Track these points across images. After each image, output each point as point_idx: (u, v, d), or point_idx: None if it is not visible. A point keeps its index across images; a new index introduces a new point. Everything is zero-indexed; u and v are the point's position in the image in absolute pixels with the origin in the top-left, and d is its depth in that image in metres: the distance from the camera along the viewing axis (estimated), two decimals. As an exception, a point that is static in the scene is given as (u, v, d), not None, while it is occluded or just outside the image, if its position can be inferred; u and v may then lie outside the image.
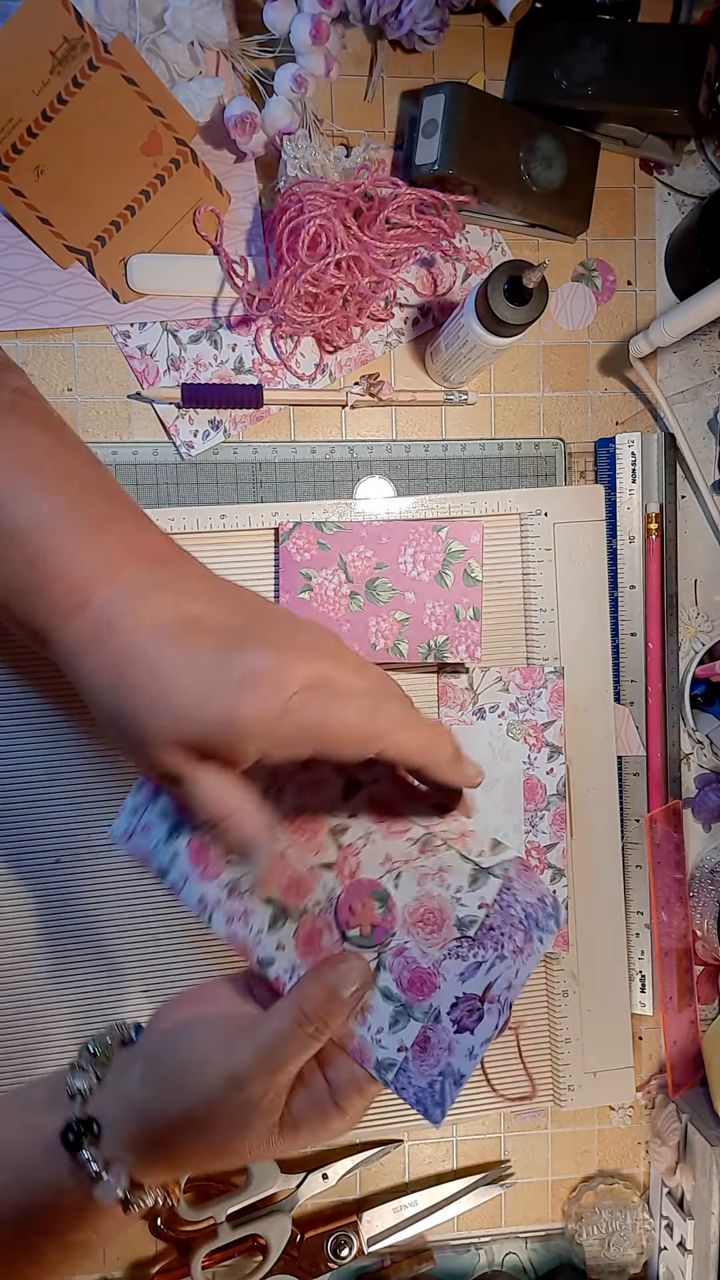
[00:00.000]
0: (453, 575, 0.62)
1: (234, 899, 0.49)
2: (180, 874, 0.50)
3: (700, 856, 0.69)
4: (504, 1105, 0.65)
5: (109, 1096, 0.46)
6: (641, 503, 0.66)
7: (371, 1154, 0.64)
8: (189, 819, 0.49)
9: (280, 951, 0.48)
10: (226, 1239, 0.60)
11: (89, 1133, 0.45)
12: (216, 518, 0.61)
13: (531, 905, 0.47)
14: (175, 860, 0.50)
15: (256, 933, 0.49)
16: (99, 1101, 0.46)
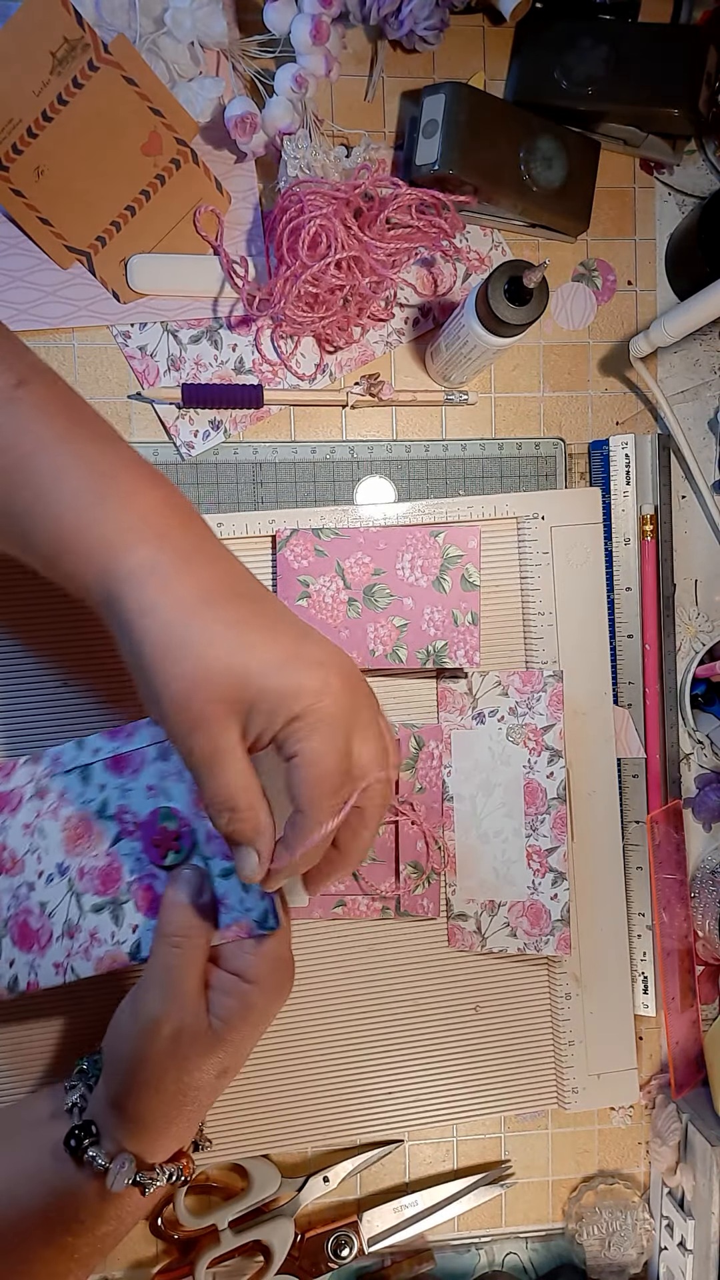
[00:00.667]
0: (450, 580, 0.62)
1: (75, 937, 0.51)
2: (26, 969, 0.52)
3: (701, 857, 0.69)
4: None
5: (95, 1102, 0.50)
6: (636, 504, 0.66)
7: (372, 1155, 0.64)
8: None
9: (138, 931, 0.51)
10: (229, 1245, 0.60)
11: (88, 1135, 0.48)
12: (214, 526, 0.61)
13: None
14: (13, 966, 0.52)
15: (111, 939, 0.51)
16: (90, 1107, 0.50)
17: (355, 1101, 0.64)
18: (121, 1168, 0.47)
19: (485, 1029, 0.65)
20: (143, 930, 0.51)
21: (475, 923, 0.63)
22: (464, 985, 0.65)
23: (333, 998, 0.64)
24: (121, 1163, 0.47)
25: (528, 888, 0.61)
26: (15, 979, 0.52)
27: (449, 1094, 0.65)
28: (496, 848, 0.62)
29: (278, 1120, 0.63)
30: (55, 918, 0.52)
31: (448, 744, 0.64)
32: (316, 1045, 0.63)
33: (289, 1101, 0.63)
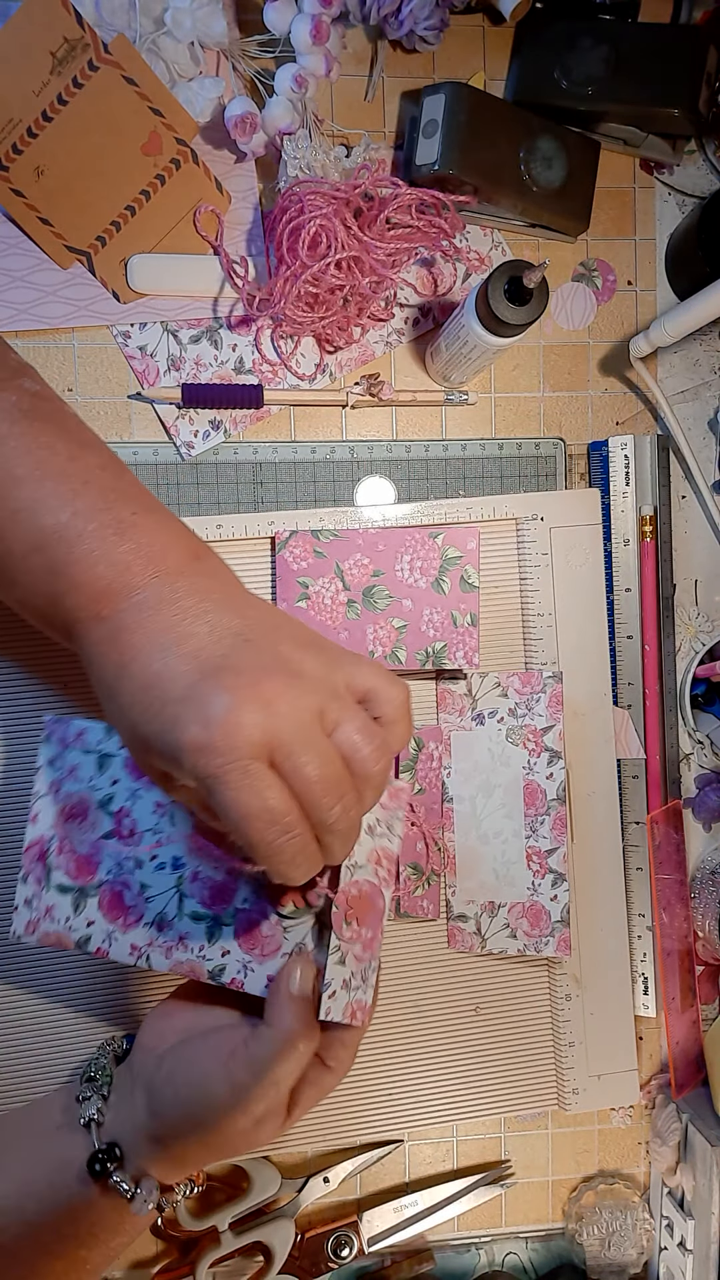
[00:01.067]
0: (449, 581, 0.62)
1: (166, 932, 0.51)
2: (103, 935, 0.52)
3: (701, 857, 0.69)
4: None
5: (121, 1122, 0.49)
6: (636, 505, 0.66)
7: (372, 1155, 0.64)
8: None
9: (227, 957, 0.50)
10: (230, 1246, 0.60)
11: (113, 1158, 0.47)
12: (213, 528, 0.61)
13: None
14: (93, 926, 0.52)
15: (199, 950, 0.50)
16: (113, 1126, 0.49)
17: (356, 1102, 0.64)
18: (149, 1194, 0.47)
19: (485, 1030, 0.65)
20: (232, 958, 0.50)
21: (475, 924, 0.63)
22: (464, 986, 0.65)
23: (333, 998, 0.64)
24: (148, 1190, 0.47)
25: (528, 889, 0.61)
26: (89, 939, 0.52)
27: (449, 1095, 0.65)
28: (496, 849, 0.62)
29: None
30: (151, 905, 0.51)
31: (447, 745, 0.64)
32: (316, 1046, 0.63)
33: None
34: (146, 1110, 0.48)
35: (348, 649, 0.48)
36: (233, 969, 0.50)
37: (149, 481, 0.63)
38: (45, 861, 0.53)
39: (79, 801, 0.53)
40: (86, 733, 0.54)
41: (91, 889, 0.52)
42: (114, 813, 0.52)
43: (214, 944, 0.50)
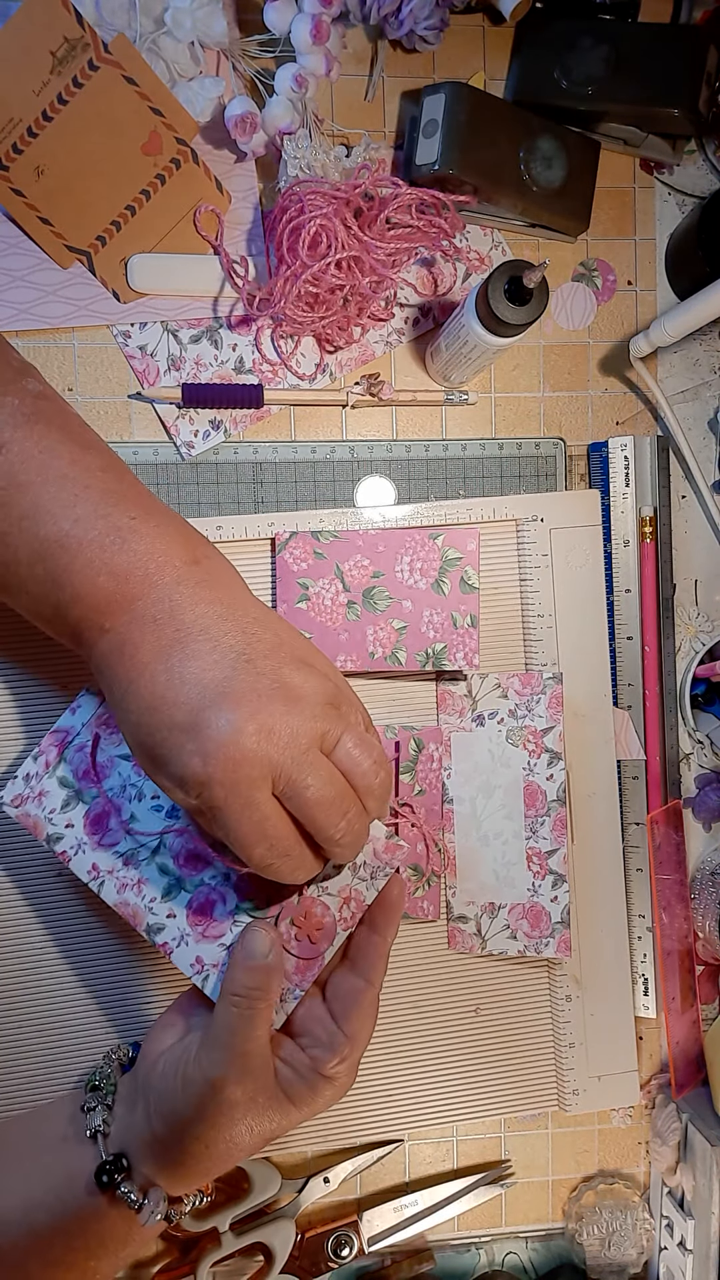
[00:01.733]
0: (449, 583, 0.62)
1: (129, 868, 0.52)
2: (73, 842, 0.53)
3: (701, 857, 0.69)
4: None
5: (127, 1132, 0.49)
6: (635, 507, 0.66)
7: (372, 1156, 0.64)
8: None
9: (171, 919, 0.51)
10: (230, 1247, 0.60)
11: (120, 1169, 0.48)
12: (213, 529, 0.61)
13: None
14: (70, 830, 0.53)
15: (149, 901, 0.52)
16: (119, 1136, 0.50)
17: (356, 1104, 0.64)
18: (156, 1205, 0.47)
19: (486, 1031, 0.65)
20: (175, 924, 0.51)
21: (475, 925, 0.63)
22: (464, 987, 0.65)
23: (333, 998, 0.64)
24: (156, 1200, 0.48)
25: (528, 890, 0.61)
26: (60, 839, 0.53)
27: (450, 1096, 0.65)
28: (496, 850, 0.62)
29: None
30: (129, 839, 0.53)
31: (447, 746, 0.64)
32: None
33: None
34: (147, 1117, 0.48)
35: (338, 671, 0.49)
36: (170, 933, 0.51)
37: (149, 481, 0.63)
38: (62, 751, 0.54)
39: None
40: None
41: (87, 796, 0.53)
42: None
43: (165, 902, 0.52)
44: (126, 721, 0.45)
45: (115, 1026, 0.62)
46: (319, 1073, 0.48)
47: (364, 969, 0.50)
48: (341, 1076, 0.49)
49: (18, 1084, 0.61)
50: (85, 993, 0.62)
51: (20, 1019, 0.61)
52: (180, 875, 0.52)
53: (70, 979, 0.61)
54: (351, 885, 0.51)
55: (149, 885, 0.52)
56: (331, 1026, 0.49)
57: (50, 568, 0.45)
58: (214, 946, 0.51)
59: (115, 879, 0.52)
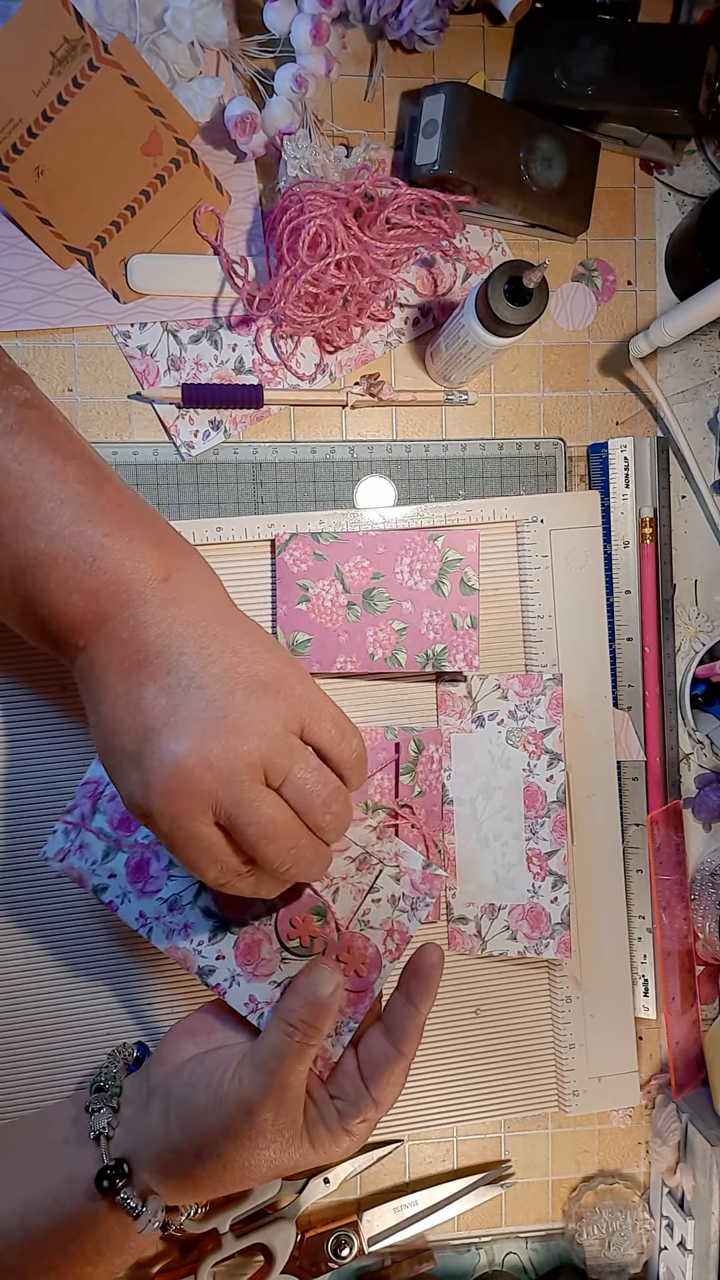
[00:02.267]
0: (449, 584, 0.62)
1: (175, 913, 0.53)
2: (118, 891, 0.53)
3: (701, 858, 0.69)
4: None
5: (133, 1134, 0.49)
6: (635, 508, 0.66)
7: (373, 1156, 0.64)
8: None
9: (220, 961, 0.52)
10: (231, 1249, 0.60)
11: (121, 1174, 0.48)
12: (213, 530, 0.61)
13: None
14: (113, 880, 0.54)
15: (197, 944, 0.52)
16: (124, 1139, 0.49)
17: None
18: (154, 1214, 0.47)
19: (486, 1032, 0.65)
20: (225, 965, 0.52)
21: (475, 926, 0.63)
22: (464, 989, 0.65)
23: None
24: (154, 1208, 0.48)
25: (528, 891, 0.61)
26: (106, 889, 0.53)
27: (450, 1097, 0.65)
28: (496, 851, 0.62)
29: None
30: (171, 884, 0.53)
31: (447, 747, 0.64)
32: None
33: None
34: (162, 1119, 0.48)
35: (307, 681, 0.47)
36: (221, 975, 0.51)
37: (149, 481, 0.63)
38: (95, 802, 0.55)
39: None
40: None
41: (126, 844, 0.54)
42: None
43: (213, 944, 0.52)
44: (96, 740, 0.46)
45: (116, 1028, 0.62)
46: (342, 1126, 0.49)
47: (397, 1038, 0.50)
48: (360, 1134, 0.49)
49: (18, 1086, 0.61)
50: (86, 994, 0.62)
51: (20, 1021, 0.61)
52: (224, 917, 0.52)
53: (70, 981, 0.61)
54: (393, 917, 0.52)
55: (195, 929, 0.52)
56: (360, 1085, 0.50)
57: (28, 585, 0.45)
58: (265, 985, 0.52)
59: (163, 925, 0.53)
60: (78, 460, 0.47)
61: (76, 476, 0.46)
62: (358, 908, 0.53)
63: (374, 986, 0.52)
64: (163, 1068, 0.50)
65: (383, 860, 0.54)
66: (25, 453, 0.46)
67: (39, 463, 0.46)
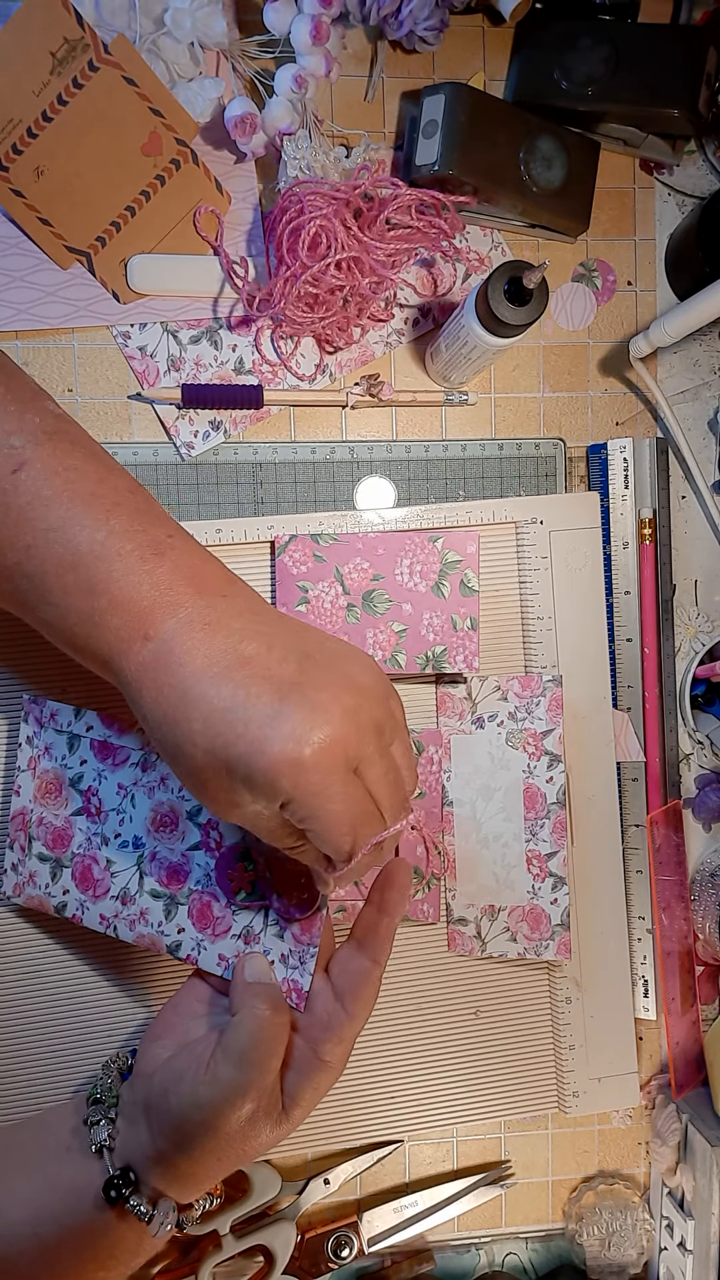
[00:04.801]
0: (449, 586, 0.62)
1: (129, 905, 0.55)
2: (76, 904, 0.56)
3: (701, 858, 0.69)
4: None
5: (131, 1145, 0.49)
6: (634, 508, 0.66)
7: (373, 1157, 0.64)
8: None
9: (182, 934, 0.53)
10: (231, 1250, 0.60)
11: (128, 1183, 0.47)
12: (212, 532, 0.61)
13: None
14: (68, 894, 0.56)
15: (158, 926, 0.54)
16: (124, 1149, 0.49)
17: (355, 1106, 0.64)
18: (167, 1216, 0.47)
19: (485, 1033, 0.65)
20: (187, 936, 0.53)
21: (475, 927, 0.63)
22: (464, 990, 0.65)
23: (333, 999, 0.64)
24: (165, 1211, 0.48)
25: (528, 892, 0.61)
26: (65, 905, 0.56)
27: (449, 1098, 0.65)
28: (496, 852, 0.62)
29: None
30: (116, 880, 0.55)
31: (447, 749, 0.64)
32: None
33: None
34: (149, 1132, 0.48)
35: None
36: (188, 946, 0.53)
37: (149, 482, 0.63)
38: (27, 831, 0.57)
39: (53, 778, 0.57)
40: (59, 714, 0.57)
41: (66, 860, 0.56)
42: (83, 791, 0.56)
43: (170, 921, 0.54)
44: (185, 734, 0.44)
45: (116, 1027, 0.62)
46: (317, 1057, 0.48)
47: (372, 949, 0.50)
48: (337, 1061, 0.49)
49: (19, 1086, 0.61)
50: (82, 998, 0.62)
51: (22, 1021, 0.61)
52: (170, 893, 0.54)
53: (66, 985, 0.61)
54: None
55: (151, 913, 0.54)
56: (333, 1004, 0.49)
57: (85, 575, 0.44)
58: (229, 940, 0.53)
59: (123, 919, 0.55)
60: (121, 473, 0.47)
61: (126, 486, 0.47)
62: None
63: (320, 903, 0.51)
64: (140, 1079, 0.50)
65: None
66: (69, 459, 0.46)
67: (84, 469, 0.46)
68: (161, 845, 0.54)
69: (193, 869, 0.54)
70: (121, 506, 0.45)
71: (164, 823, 0.54)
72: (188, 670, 0.43)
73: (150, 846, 0.54)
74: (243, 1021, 0.47)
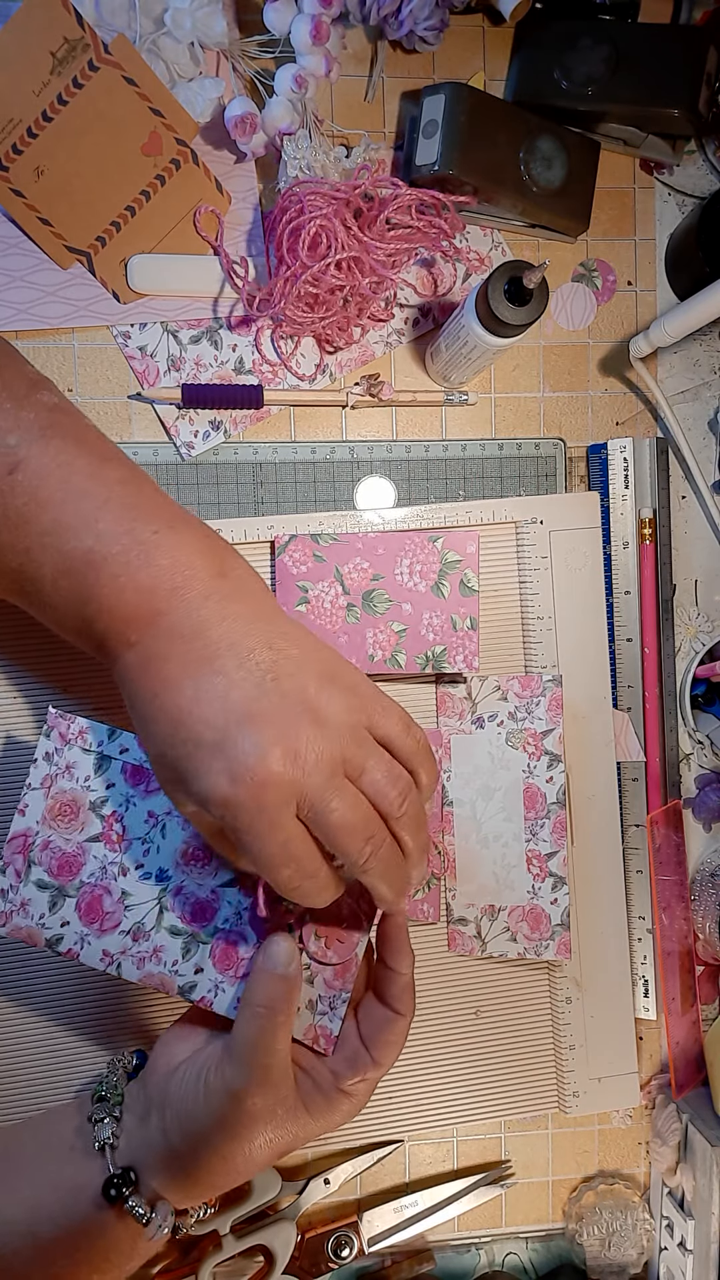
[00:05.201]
0: (449, 585, 0.62)
1: (140, 942, 0.51)
2: (75, 938, 0.52)
3: (701, 858, 0.69)
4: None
5: (136, 1144, 0.49)
6: (634, 508, 0.66)
7: (373, 1157, 0.64)
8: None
9: (199, 974, 0.51)
10: (231, 1250, 0.60)
11: (128, 1183, 0.47)
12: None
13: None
14: (66, 927, 0.52)
15: (172, 966, 0.51)
16: (128, 1148, 0.49)
17: (355, 1103, 0.64)
18: (164, 1219, 0.47)
19: (485, 1034, 0.65)
20: (205, 976, 0.51)
21: (475, 927, 0.63)
22: (464, 990, 0.65)
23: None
24: (163, 1214, 0.48)
25: (528, 892, 0.61)
26: (60, 939, 0.52)
27: (450, 1099, 0.65)
28: (496, 852, 0.62)
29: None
30: (130, 914, 0.52)
31: (447, 749, 0.64)
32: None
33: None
34: (161, 1129, 0.48)
35: (366, 679, 0.48)
36: (204, 987, 0.51)
37: (149, 482, 0.63)
38: (27, 855, 0.52)
39: (70, 800, 0.53)
40: (89, 732, 0.53)
41: (71, 889, 0.52)
42: (104, 816, 0.52)
43: (188, 960, 0.51)
44: (151, 736, 0.45)
45: (120, 1028, 0.62)
46: (338, 1088, 0.49)
47: (391, 1001, 0.51)
48: (359, 1094, 0.49)
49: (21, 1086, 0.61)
50: (85, 1000, 0.61)
51: (25, 1021, 0.61)
52: (192, 931, 0.51)
53: (68, 986, 0.61)
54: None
55: (166, 951, 0.51)
56: (358, 1045, 0.50)
57: (76, 583, 0.45)
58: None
59: (130, 957, 0.51)
60: (115, 461, 0.47)
61: (116, 477, 0.46)
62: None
63: (358, 953, 0.51)
64: (156, 1076, 0.50)
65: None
66: (62, 455, 0.45)
67: (76, 464, 0.45)
68: (190, 879, 0.52)
69: (221, 906, 0.51)
70: (111, 502, 0.45)
71: (196, 856, 0.52)
72: (161, 677, 0.44)
73: (176, 880, 0.52)
74: (241, 1021, 0.47)
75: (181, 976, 0.51)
